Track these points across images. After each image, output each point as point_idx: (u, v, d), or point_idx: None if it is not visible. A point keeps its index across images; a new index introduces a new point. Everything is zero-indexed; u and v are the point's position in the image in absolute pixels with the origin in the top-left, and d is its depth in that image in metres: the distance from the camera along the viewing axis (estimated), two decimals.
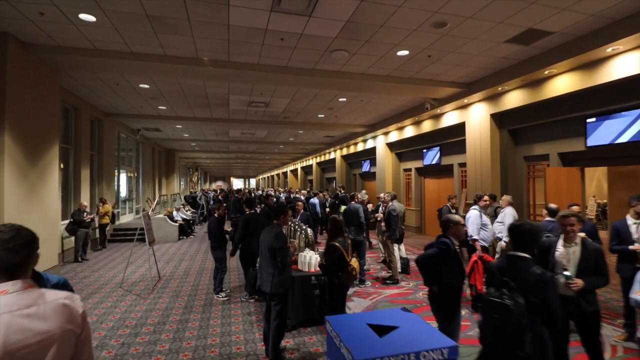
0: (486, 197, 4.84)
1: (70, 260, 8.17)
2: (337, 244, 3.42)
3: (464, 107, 8.76)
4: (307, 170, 28.48)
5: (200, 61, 6.25)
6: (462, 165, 9.85)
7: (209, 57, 6.23)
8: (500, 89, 7.38)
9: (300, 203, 7.05)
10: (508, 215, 5.76)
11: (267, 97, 8.99)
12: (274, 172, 44.31)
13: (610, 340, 3.89)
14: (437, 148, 10.77)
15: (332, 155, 19.90)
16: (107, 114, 10.75)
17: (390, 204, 6.17)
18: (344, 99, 9.18)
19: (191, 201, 16.68)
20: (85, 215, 8.26)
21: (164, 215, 11.58)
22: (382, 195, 7.43)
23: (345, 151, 17.85)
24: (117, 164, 12.66)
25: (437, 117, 9.95)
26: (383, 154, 13.41)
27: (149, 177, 16.73)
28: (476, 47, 5.83)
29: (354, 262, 3.43)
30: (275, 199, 9.26)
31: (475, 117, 8.43)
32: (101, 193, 10.50)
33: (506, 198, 5.95)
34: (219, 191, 19.04)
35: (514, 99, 7.34)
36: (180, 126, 13.18)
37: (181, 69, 6.42)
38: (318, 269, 4.38)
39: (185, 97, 8.91)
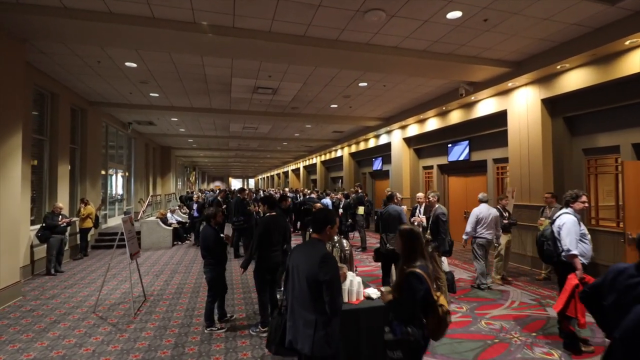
0: (584, 198, 3.59)
1: (42, 273, 6.86)
2: (419, 270, 2.12)
3: (507, 92, 7.50)
4: (310, 169, 27.23)
5: (197, 27, 4.97)
6: (499, 161, 8.60)
7: (209, 22, 4.94)
8: (559, 67, 6.13)
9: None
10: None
11: (276, 81, 7.70)
12: (274, 172, 43.04)
13: None
14: (466, 142, 9.51)
15: (339, 153, 18.65)
16: (92, 103, 9.44)
17: (437, 206, 4.90)
18: (365, 84, 7.92)
19: (188, 202, 15.31)
20: (60, 219, 6.95)
21: (157, 217, 10.27)
22: (419, 195, 6.17)
23: (354, 148, 16.58)
24: (105, 160, 11.35)
25: (468, 105, 8.70)
26: (399, 150, 12.15)
27: (142, 176, 15.42)
28: (548, 7, 4.58)
29: (443, 300, 2.14)
30: (292, 202, 7.82)
31: (522, 104, 7.17)
32: (84, 193, 9.18)
33: (479, 196, 5.88)
34: (217, 191, 17.69)
35: (576, 79, 6.10)
36: (175, 119, 11.89)
37: (174, 38, 5.13)
38: (364, 298, 3.10)
39: (180, 81, 7.61)
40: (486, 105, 8.14)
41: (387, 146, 13.28)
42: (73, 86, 8.04)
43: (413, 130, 11.24)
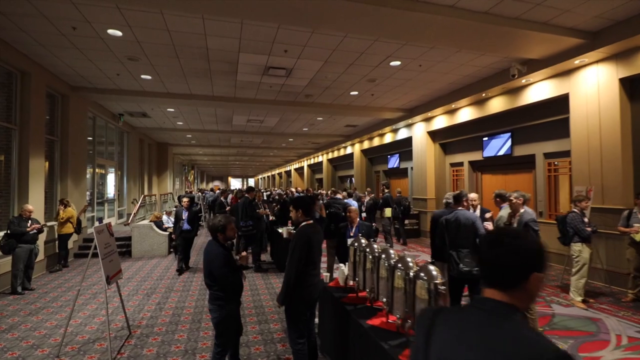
0: None
1: (7, 291, 5.57)
2: None
3: (570, 72, 6.25)
4: (315, 168, 26.00)
5: None
6: (552, 155, 7.35)
7: None
8: None
9: (354, 208, 4.50)
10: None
11: (292, 59, 6.43)
12: (275, 172, 41.82)
13: None
14: (508, 134, 8.27)
15: (349, 150, 17.39)
16: (74, 88, 8.13)
17: (523, 210, 3.65)
18: (398, 63, 6.65)
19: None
20: (29, 225, 5.67)
21: (150, 221, 8.98)
22: (473, 196, 4.90)
23: (367, 144, 15.33)
24: (92, 156, 10.06)
25: (514, 91, 7.43)
26: (423, 145, 10.91)
27: (136, 174, 14.10)
28: None
29: None
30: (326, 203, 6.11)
31: (591, 85, 5.93)
32: (65, 193, 7.88)
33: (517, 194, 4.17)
34: (217, 191, 16.31)
35: None
36: (172, 109, 10.60)
37: None
38: None
39: (176, 57, 6.33)
40: (540, 89, 6.88)
41: (407, 141, 12.05)
42: (48, 64, 6.73)
43: (440, 122, 9.99)
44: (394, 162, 13.83)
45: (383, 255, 2.80)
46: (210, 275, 2.64)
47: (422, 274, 2.24)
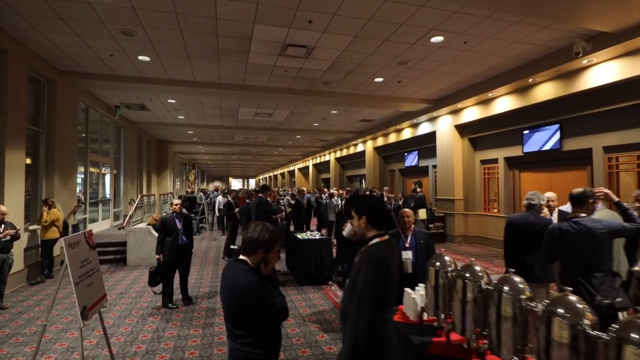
0: None
1: None
2: None
3: None
4: (320, 167, 25.02)
5: None
6: (614, 149, 6.35)
7: None
8: None
9: (409, 211, 3.49)
10: None
11: (316, 32, 5.43)
12: (277, 172, 40.86)
13: None
14: (556, 126, 7.27)
15: (360, 148, 16.41)
16: (63, 73, 7.14)
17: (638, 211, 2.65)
18: (439, 39, 5.65)
19: (188, 203, 12.92)
20: (1, 230, 4.68)
21: (148, 224, 7.98)
22: (550, 195, 3.93)
23: (381, 141, 14.34)
24: (85, 151, 9.10)
25: (569, 75, 6.41)
26: (449, 140, 9.90)
27: (134, 173, 13.12)
28: None
29: None
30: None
31: None
32: (51, 192, 6.89)
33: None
34: (219, 191, 15.24)
35: None
36: (173, 100, 9.62)
37: None
38: None
39: (179, 31, 5.33)
40: (603, 71, 5.88)
41: (428, 137, 11.08)
42: (30, 41, 5.74)
43: (471, 114, 9.00)
44: (412, 159, 12.83)
45: (506, 287, 1.80)
46: (239, 319, 1.62)
47: (633, 335, 1.24)
